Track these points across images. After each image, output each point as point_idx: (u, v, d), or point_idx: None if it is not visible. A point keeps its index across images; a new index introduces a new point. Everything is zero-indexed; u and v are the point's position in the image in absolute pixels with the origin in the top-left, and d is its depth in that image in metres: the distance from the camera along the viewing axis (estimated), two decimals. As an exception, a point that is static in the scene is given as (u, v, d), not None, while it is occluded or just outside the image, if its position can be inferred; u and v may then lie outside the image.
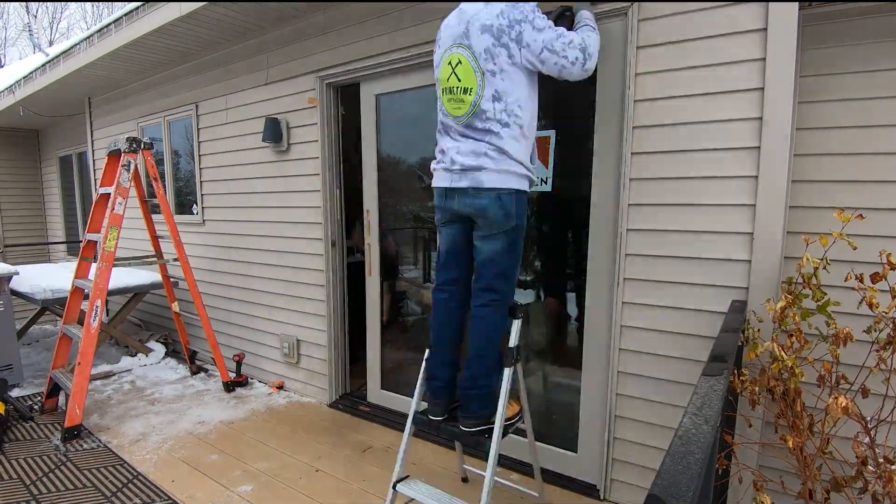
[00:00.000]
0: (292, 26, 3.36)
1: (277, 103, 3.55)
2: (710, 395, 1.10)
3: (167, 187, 4.68)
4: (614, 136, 2.24)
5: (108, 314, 5.59)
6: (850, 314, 1.69)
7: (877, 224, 1.83)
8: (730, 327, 1.66)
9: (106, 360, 4.37)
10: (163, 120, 4.58)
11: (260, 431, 3.13)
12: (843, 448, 1.67)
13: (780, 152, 1.86)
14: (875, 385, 1.61)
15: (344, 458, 2.80)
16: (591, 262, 2.37)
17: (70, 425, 2.96)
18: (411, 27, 2.79)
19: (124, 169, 3.23)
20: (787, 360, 1.56)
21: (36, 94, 5.20)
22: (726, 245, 2.01)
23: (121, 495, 2.42)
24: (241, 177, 3.91)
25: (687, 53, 2.02)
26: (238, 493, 2.45)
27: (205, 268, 4.35)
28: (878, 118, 1.86)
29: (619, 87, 2.20)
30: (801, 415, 1.63)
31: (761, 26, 1.85)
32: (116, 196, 3.19)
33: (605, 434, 2.35)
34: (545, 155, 2.48)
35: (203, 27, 3.46)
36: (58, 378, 3.30)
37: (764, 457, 2.01)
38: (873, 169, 1.88)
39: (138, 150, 3.35)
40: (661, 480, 0.77)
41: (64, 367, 3.43)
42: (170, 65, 4.30)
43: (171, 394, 3.73)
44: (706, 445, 0.88)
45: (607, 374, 2.34)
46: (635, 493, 2.33)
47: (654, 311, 2.20)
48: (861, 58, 1.87)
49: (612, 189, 2.26)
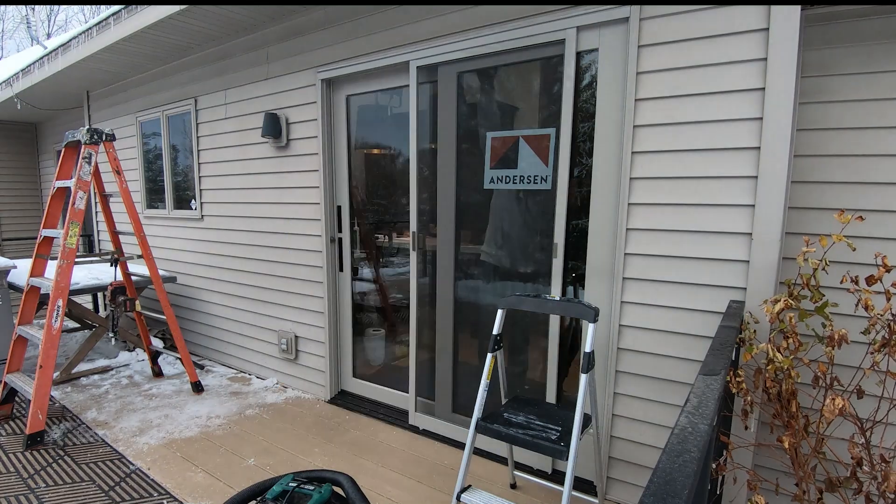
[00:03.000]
0: (291, 21, 3.35)
1: (277, 98, 3.54)
2: (707, 395, 1.11)
3: (165, 182, 4.67)
4: (615, 135, 2.24)
5: (105, 308, 5.59)
6: (849, 315, 1.69)
7: (876, 226, 1.83)
8: (727, 327, 1.67)
9: (104, 355, 4.37)
10: (161, 114, 4.56)
11: (258, 427, 3.13)
12: (837, 449, 1.68)
13: (780, 153, 1.86)
14: (870, 387, 1.61)
15: (344, 453, 2.81)
16: (591, 261, 2.38)
17: (33, 432, 2.79)
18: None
19: (85, 161, 3.07)
20: (783, 361, 1.56)
21: (34, 87, 5.17)
22: (725, 245, 2.01)
23: (119, 489, 2.42)
24: (240, 172, 3.90)
25: (688, 53, 2.01)
26: (236, 487, 2.45)
27: (203, 263, 4.34)
28: (878, 120, 1.87)
29: (620, 86, 2.20)
30: (797, 415, 1.63)
31: (763, 27, 1.85)
32: (77, 190, 3.02)
33: (604, 432, 2.36)
34: (545, 153, 2.48)
35: (202, 21, 3.45)
36: (14, 383, 3.06)
37: (759, 457, 2.02)
38: (873, 170, 1.89)
39: (99, 141, 3.18)
40: (657, 478, 0.77)
41: (19, 372, 3.21)
42: (169, 59, 4.28)
43: (168, 389, 3.73)
44: (702, 444, 0.88)
45: (605, 372, 2.34)
46: (632, 492, 2.34)
47: (652, 310, 2.20)
48: (862, 59, 1.88)
49: (612, 188, 2.27)
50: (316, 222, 3.44)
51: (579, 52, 2.29)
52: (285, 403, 3.52)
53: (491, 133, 2.66)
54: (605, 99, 2.26)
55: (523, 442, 1.93)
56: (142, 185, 4.97)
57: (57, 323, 2.91)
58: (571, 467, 1.76)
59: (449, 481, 2.51)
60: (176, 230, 4.62)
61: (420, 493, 2.43)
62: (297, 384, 3.75)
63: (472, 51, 2.58)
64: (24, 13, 16.47)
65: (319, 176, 3.35)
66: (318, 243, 3.45)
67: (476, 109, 2.79)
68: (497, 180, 2.65)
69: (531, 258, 2.66)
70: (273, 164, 3.65)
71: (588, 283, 2.40)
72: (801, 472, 1.60)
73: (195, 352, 4.56)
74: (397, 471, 2.63)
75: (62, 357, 4.08)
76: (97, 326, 4.12)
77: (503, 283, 2.78)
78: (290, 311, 3.71)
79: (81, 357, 3.95)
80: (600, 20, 2.19)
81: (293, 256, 3.62)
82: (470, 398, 2.89)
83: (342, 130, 3.33)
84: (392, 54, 2.89)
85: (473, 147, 2.75)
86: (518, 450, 2.51)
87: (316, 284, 3.50)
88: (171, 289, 4.56)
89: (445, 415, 3.00)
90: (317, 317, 3.53)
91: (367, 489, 2.45)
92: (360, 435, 3.04)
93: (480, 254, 2.86)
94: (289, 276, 3.67)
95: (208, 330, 4.45)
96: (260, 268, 3.87)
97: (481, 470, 2.63)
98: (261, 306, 3.92)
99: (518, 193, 2.65)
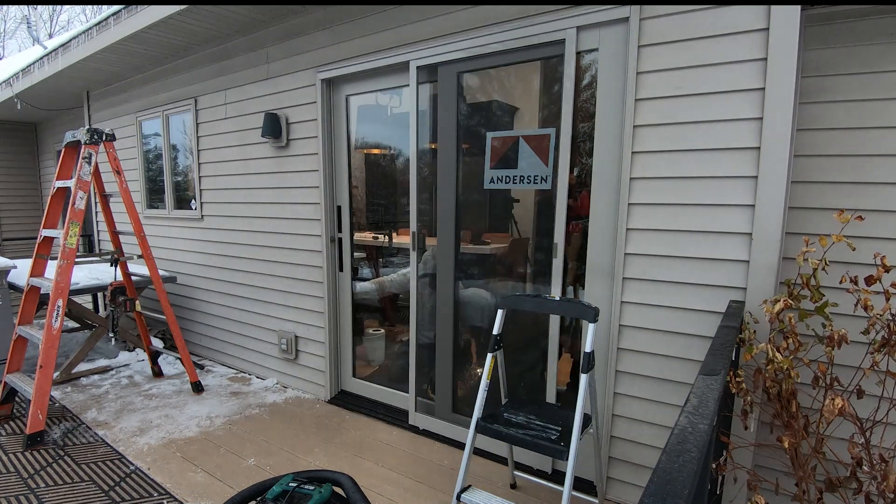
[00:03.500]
0: (291, 21, 3.35)
1: (277, 98, 3.54)
2: (707, 395, 1.11)
3: (165, 182, 4.67)
4: (615, 134, 2.24)
5: (105, 308, 5.59)
6: (849, 315, 1.69)
7: (876, 226, 1.83)
8: (727, 327, 1.67)
9: (104, 355, 4.36)
10: (161, 114, 4.56)
11: (258, 427, 3.13)
12: (837, 448, 1.68)
13: (781, 153, 1.86)
14: (870, 387, 1.61)
15: (344, 453, 2.81)
16: (591, 261, 2.38)
17: (32, 432, 2.79)
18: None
19: (85, 161, 3.08)
20: (783, 361, 1.56)
21: (34, 87, 5.17)
22: (725, 245, 2.01)
23: (119, 489, 2.42)
24: (240, 172, 3.90)
25: (688, 53, 2.01)
26: (236, 487, 2.45)
27: (203, 263, 4.34)
28: (878, 120, 1.86)
29: (619, 86, 2.20)
30: (797, 415, 1.63)
31: (763, 27, 1.85)
32: (77, 190, 3.02)
33: (603, 432, 2.36)
34: (545, 153, 2.48)
35: (202, 21, 3.45)
36: (14, 383, 3.07)
37: (759, 456, 2.02)
38: (873, 170, 1.89)
39: (99, 141, 3.18)
40: (657, 478, 0.77)
41: (19, 372, 3.22)
42: (169, 59, 4.28)
43: (168, 389, 3.73)
44: (702, 444, 0.88)
45: (605, 372, 2.34)
46: (632, 492, 2.34)
47: (652, 310, 2.20)
48: (862, 59, 1.87)
49: (613, 188, 2.26)
50: (316, 222, 3.44)
51: (579, 52, 2.29)
52: (285, 403, 3.52)
53: (491, 133, 2.66)
54: (605, 99, 2.26)
55: (523, 442, 1.93)
56: (142, 185, 4.97)
57: (57, 323, 2.90)
58: (571, 467, 1.76)
59: (449, 481, 2.51)
60: (176, 230, 4.62)
61: (420, 493, 2.43)
62: (297, 384, 3.74)
63: (473, 51, 2.58)
64: (25, 13, 16.46)
65: (319, 176, 3.35)
66: (317, 243, 3.45)
67: (476, 109, 2.79)
68: (497, 180, 2.65)
69: (531, 258, 2.66)
70: (273, 163, 3.65)
71: (588, 283, 2.40)
72: (801, 472, 1.60)
73: (195, 352, 4.55)
74: (397, 471, 2.63)
75: (62, 357, 4.07)
76: (97, 326, 4.11)
77: (503, 282, 2.79)
78: (290, 311, 3.71)
79: (81, 357, 3.95)
80: (600, 20, 2.19)
81: (293, 256, 3.62)
82: (470, 398, 2.90)
83: (342, 130, 3.33)
84: (392, 54, 2.88)
85: (474, 147, 2.75)
86: (518, 450, 2.51)
87: (316, 284, 3.50)
88: (171, 289, 4.56)
89: (445, 415, 2.99)
90: (317, 317, 3.53)
91: (367, 489, 2.45)
92: (360, 435, 3.03)
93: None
94: (289, 276, 3.67)
95: (208, 330, 4.45)
96: (260, 268, 3.87)
97: (481, 470, 2.63)
98: (261, 306, 3.92)
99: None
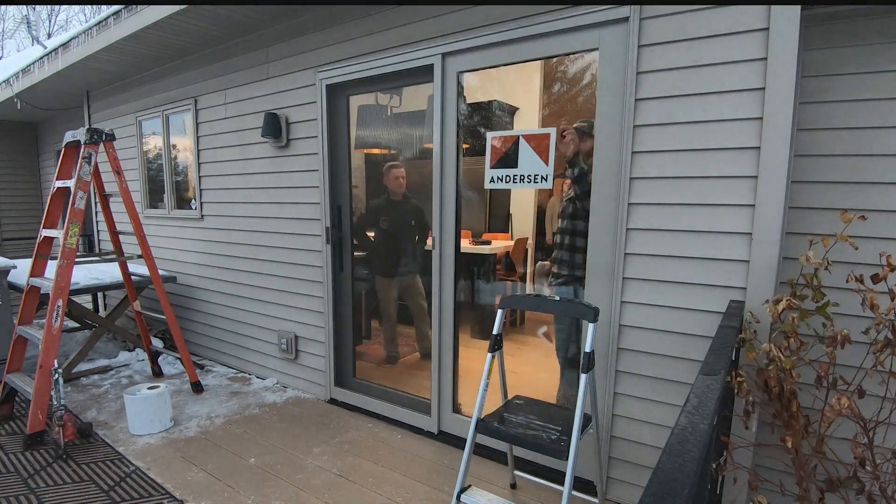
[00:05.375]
0: (290, 22, 3.35)
1: (277, 98, 3.54)
2: (707, 394, 1.10)
3: (165, 182, 4.67)
4: (615, 134, 2.23)
5: (105, 308, 5.59)
6: (849, 315, 1.69)
7: (876, 226, 1.83)
8: (727, 327, 1.66)
9: (104, 355, 4.36)
10: (161, 114, 4.56)
11: (258, 427, 3.13)
12: (838, 448, 1.67)
13: (781, 152, 1.86)
14: (873, 387, 1.61)
15: (345, 453, 2.81)
16: (591, 261, 2.38)
17: (33, 432, 2.80)
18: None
19: (85, 161, 3.07)
20: (786, 362, 1.56)
21: (34, 87, 5.17)
22: (725, 245, 2.01)
23: (119, 489, 2.42)
24: (240, 172, 3.90)
25: (689, 53, 2.01)
26: (236, 487, 2.46)
27: (203, 263, 4.34)
28: (879, 120, 1.86)
29: (619, 86, 2.20)
30: (798, 415, 1.63)
31: (763, 26, 1.85)
32: (77, 190, 3.02)
33: (603, 432, 2.36)
34: (545, 152, 2.48)
35: (202, 21, 3.44)
36: (14, 383, 3.07)
37: (759, 457, 2.02)
38: (874, 170, 1.88)
39: (99, 141, 3.18)
40: (657, 478, 0.77)
41: (19, 372, 3.22)
42: (169, 59, 4.28)
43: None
44: (702, 444, 0.88)
45: (605, 372, 2.34)
46: (632, 492, 2.34)
47: (652, 310, 2.20)
48: (863, 59, 1.87)
49: (613, 188, 2.26)
50: (316, 222, 3.43)
51: (580, 52, 2.29)
52: (285, 403, 3.51)
53: (491, 133, 2.66)
54: (605, 98, 2.26)
55: (523, 442, 1.93)
56: (142, 185, 4.97)
57: (57, 323, 2.90)
58: (571, 467, 1.76)
59: (449, 481, 2.51)
60: (176, 230, 4.62)
61: (420, 493, 2.43)
62: (297, 384, 3.74)
63: (473, 50, 2.57)
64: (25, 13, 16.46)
65: (320, 176, 3.35)
66: (318, 243, 3.45)
67: (476, 109, 2.79)
68: (497, 179, 2.65)
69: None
70: (273, 163, 3.64)
71: (588, 283, 2.39)
72: (802, 472, 1.60)
73: (195, 351, 4.55)
74: (397, 470, 2.63)
75: (62, 357, 4.07)
76: (97, 326, 4.11)
77: (503, 281, 2.78)
78: (290, 310, 3.71)
79: (81, 357, 3.94)
80: (600, 20, 2.19)
81: (293, 256, 3.62)
82: (470, 397, 2.89)
83: (342, 130, 3.33)
84: (392, 54, 2.88)
85: (474, 146, 2.75)
86: (518, 449, 2.51)
87: (316, 284, 3.50)
88: (171, 289, 4.56)
89: (446, 414, 2.99)
90: (317, 317, 3.53)
91: (367, 489, 2.45)
92: (360, 435, 3.03)
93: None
94: (289, 276, 3.67)
95: (208, 330, 4.45)
96: (260, 267, 3.87)
97: (481, 470, 2.62)
98: (261, 306, 3.92)
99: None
